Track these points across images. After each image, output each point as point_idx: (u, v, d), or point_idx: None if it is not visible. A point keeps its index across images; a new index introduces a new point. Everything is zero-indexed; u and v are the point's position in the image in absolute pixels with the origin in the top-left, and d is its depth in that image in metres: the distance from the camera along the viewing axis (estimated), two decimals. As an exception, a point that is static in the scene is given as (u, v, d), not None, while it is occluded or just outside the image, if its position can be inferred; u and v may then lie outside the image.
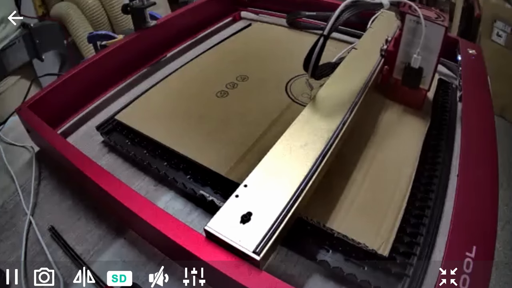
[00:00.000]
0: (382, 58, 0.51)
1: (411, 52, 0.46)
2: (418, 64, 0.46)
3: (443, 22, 0.44)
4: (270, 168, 0.34)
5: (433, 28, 0.44)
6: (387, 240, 0.34)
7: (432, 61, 0.46)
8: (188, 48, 0.73)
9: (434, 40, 0.45)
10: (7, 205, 0.44)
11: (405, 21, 0.45)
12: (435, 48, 0.45)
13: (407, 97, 0.51)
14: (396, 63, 0.49)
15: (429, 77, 0.47)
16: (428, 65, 0.46)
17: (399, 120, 0.50)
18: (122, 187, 0.35)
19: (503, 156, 0.79)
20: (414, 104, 0.51)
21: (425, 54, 0.45)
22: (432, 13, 0.46)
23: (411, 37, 0.46)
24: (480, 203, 0.35)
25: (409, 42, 0.46)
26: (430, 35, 0.44)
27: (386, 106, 0.52)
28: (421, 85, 0.48)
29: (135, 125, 0.50)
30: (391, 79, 0.51)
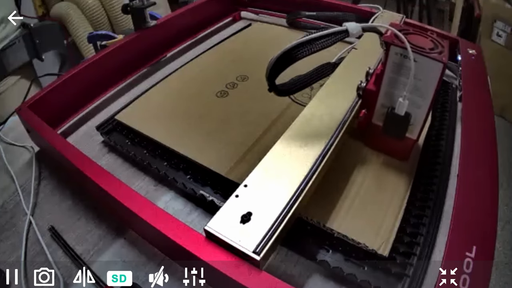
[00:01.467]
0: (359, 98, 0.41)
1: (396, 94, 0.36)
2: (405, 110, 0.36)
3: (441, 55, 0.33)
4: (270, 168, 0.34)
5: (427, 64, 0.33)
6: (387, 240, 0.34)
7: (423, 106, 0.36)
8: (188, 48, 0.73)
9: (428, 79, 0.34)
10: (7, 205, 0.44)
11: (389, 54, 0.35)
12: (428, 90, 0.35)
13: (389, 147, 0.41)
14: (377, 106, 0.39)
15: (418, 126, 0.37)
16: (417, 111, 0.36)
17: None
18: (122, 187, 0.35)
19: (503, 156, 0.79)
20: (398, 155, 0.42)
21: (414, 97, 0.36)
22: (427, 42, 0.35)
23: (396, 75, 0.36)
24: (480, 203, 0.35)
25: (393, 81, 0.36)
26: (422, 73, 0.34)
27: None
28: (407, 133, 0.38)
29: (135, 125, 0.50)
30: (370, 125, 0.41)
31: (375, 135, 0.41)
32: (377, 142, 0.42)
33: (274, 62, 0.34)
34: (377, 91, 0.38)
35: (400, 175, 0.41)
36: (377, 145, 0.43)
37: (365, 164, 0.43)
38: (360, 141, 0.45)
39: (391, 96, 0.37)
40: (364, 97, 0.40)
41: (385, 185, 0.40)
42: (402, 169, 0.42)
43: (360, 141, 0.45)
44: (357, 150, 0.44)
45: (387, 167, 0.42)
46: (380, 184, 0.40)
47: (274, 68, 0.35)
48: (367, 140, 0.44)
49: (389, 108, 0.38)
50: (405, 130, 0.38)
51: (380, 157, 0.43)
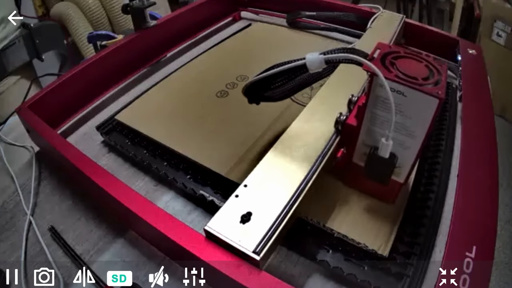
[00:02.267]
0: (338, 134, 0.36)
1: (380, 133, 0.31)
2: (389, 152, 0.30)
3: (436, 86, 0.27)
4: (270, 168, 0.34)
5: (419, 98, 0.27)
6: (387, 240, 0.34)
7: (413, 147, 0.30)
8: (188, 48, 0.73)
9: (419, 116, 0.28)
10: (7, 205, 0.44)
11: (372, 85, 0.29)
12: (420, 129, 0.29)
13: (372, 189, 0.36)
14: (358, 144, 0.34)
15: (406, 168, 0.32)
16: (406, 152, 0.30)
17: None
18: (122, 187, 0.35)
19: (503, 156, 0.79)
20: (383, 198, 0.37)
21: (402, 137, 0.30)
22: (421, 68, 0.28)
23: (380, 111, 0.29)
24: (480, 203, 0.35)
25: (377, 117, 0.30)
26: (412, 110, 0.28)
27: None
28: (393, 176, 0.33)
29: (135, 125, 0.50)
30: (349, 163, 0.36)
31: (355, 175, 0.36)
32: (359, 183, 0.37)
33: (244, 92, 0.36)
34: (358, 127, 0.32)
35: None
36: (359, 186, 0.38)
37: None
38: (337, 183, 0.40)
39: (374, 134, 0.31)
40: (344, 132, 0.35)
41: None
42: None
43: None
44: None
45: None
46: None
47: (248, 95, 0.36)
48: (346, 179, 0.38)
49: (371, 148, 0.32)
50: (389, 174, 0.32)
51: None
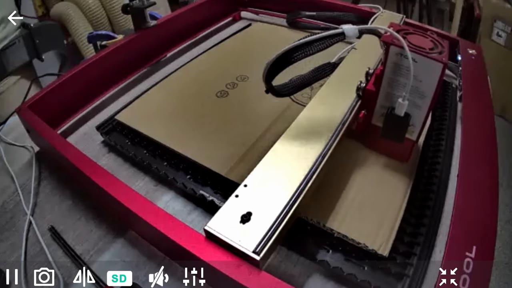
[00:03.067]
0: (359, 99, 0.40)
1: (396, 95, 0.36)
2: (404, 111, 0.36)
3: (441, 55, 0.33)
4: (270, 168, 0.34)
5: (427, 64, 0.33)
6: (387, 240, 0.34)
7: (423, 107, 0.35)
8: (188, 48, 0.73)
9: (428, 80, 0.34)
10: (7, 205, 0.44)
11: (389, 54, 0.35)
12: (429, 91, 0.34)
13: (389, 148, 0.41)
14: (376, 106, 0.39)
15: (418, 127, 0.37)
16: (418, 111, 0.36)
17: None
18: (122, 187, 0.35)
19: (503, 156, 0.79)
20: (398, 157, 0.42)
21: (414, 98, 0.35)
22: (427, 42, 0.35)
23: (395, 76, 0.35)
24: (480, 203, 0.35)
25: (393, 81, 0.36)
26: (422, 74, 0.34)
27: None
28: (407, 135, 0.38)
29: (135, 125, 0.50)
30: (369, 126, 0.41)
31: (374, 136, 0.41)
32: (377, 143, 0.42)
33: (271, 65, 0.34)
34: (377, 92, 0.38)
35: (400, 175, 0.41)
36: (377, 146, 0.43)
37: (365, 165, 0.43)
38: (360, 142, 0.45)
39: (391, 96, 0.37)
40: (364, 97, 0.40)
41: (385, 185, 0.40)
42: (402, 169, 0.42)
43: (359, 142, 0.45)
44: (356, 150, 0.44)
45: (387, 167, 0.42)
46: (380, 184, 0.40)
47: (270, 70, 0.35)
48: (366, 141, 0.44)
49: (388, 108, 0.37)
50: (404, 131, 0.37)
51: (380, 158, 0.43)
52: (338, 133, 0.39)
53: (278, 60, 0.34)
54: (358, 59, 0.51)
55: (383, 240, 0.34)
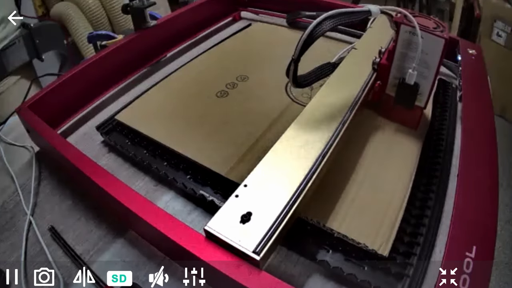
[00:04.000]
0: (374, 72, 0.47)
1: (406, 67, 0.42)
2: (414, 80, 0.42)
3: (442, 33, 0.39)
4: (270, 168, 0.34)
5: (431, 40, 0.39)
6: (387, 240, 0.34)
7: (429, 77, 0.42)
8: (188, 48, 0.73)
9: (432, 53, 0.40)
10: (7, 205, 0.44)
11: (400, 32, 0.41)
12: (433, 63, 0.41)
13: (401, 116, 0.47)
14: (389, 78, 0.45)
15: (425, 95, 0.43)
16: (425, 81, 0.42)
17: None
18: (122, 187, 0.35)
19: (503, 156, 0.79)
20: (409, 124, 0.47)
21: (421, 69, 0.41)
22: (430, 23, 0.41)
23: (405, 51, 0.42)
24: (480, 203, 0.35)
25: (403, 55, 0.42)
26: (427, 48, 0.40)
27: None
28: (416, 102, 0.44)
29: (135, 125, 0.50)
30: (383, 96, 0.47)
31: (388, 104, 0.47)
32: (390, 111, 0.48)
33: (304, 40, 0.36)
34: (390, 65, 0.44)
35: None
36: (390, 114, 0.48)
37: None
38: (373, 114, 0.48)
39: (402, 68, 0.43)
40: (379, 70, 0.46)
41: (385, 185, 0.40)
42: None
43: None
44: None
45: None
46: (380, 183, 0.40)
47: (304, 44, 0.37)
48: (381, 110, 0.49)
49: (400, 79, 0.43)
50: (414, 98, 0.44)
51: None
52: (338, 132, 0.39)
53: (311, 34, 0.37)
54: (358, 59, 0.51)
55: (383, 240, 0.34)
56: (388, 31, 0.55)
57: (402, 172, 0.41)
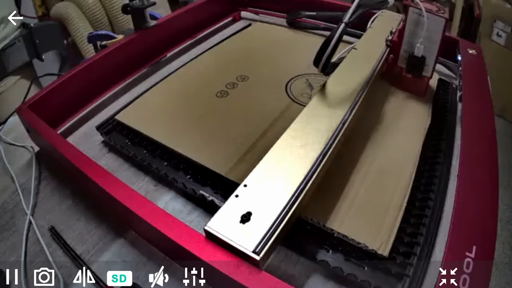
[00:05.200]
0: (388, 48, 0.54)
1: (414, 42, 0.49)
2: (421, 53, 0.49)
3: (443, 14, 0.47)
4: (270, 168, 0.34)
5: (434, 20, 0.47)
6: (387, 240, 0.34)
7: (433, 50, 0.49)
8: (188, 48, 0.73)
9: (435, 31, 0.47)
10: (7, 205, 0.44)
11: (408, 14, 0.49)
12: (436, 39, 0.48)
13: (410, 85, 0.54)
14: (401, 52, 0.52)
15: (431, 66, 0.51)
16: (430, 54, 0.49)
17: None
18: (122, 187, 0.35)
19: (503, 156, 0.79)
20: (417, 92, 0.54)
21: (427, 44, 0.48)
22: (433, 7, 0.49)
23: (414, 29, 0.49)
24: (480, 203, 0.35)
25: (412, 33, 0.50)
26: (431, 27, 0.47)
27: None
28: (423, 73, 0.51)
29: (135, 125, 0.50)
30: (395, 68, 0.54)
31: (399, 75, 0.54)
32: (401, 80, 0.55)
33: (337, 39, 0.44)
34: (400, 41, 0.52)
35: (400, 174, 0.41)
36: (401, 83, 0.55)
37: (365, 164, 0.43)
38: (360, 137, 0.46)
39: (411, 44, 0.50)
40: (391, 47, 0.53)
41: (385, 185, 0.40)
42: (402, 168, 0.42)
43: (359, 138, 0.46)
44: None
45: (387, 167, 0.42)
46: (380, 183, 0.40)
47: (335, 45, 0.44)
48: (393, 79, 0.56)
49: (410, 52, 0.51)
50: (422, 68, 0.51)
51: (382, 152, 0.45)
52: (338, 132, 0.39)
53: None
54: (358, 59, 0.51)
55: (383, 240, 0.34)
56: (388, 31, 0.55)
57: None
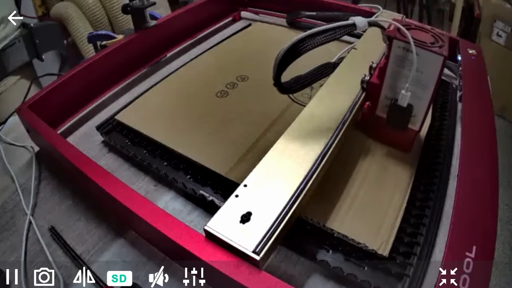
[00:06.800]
0: (363, 91, 0.42)
1: (399, 87, 0.38)
2: (407, 102, 0.38)
3: (441, 49, 0.35)
4: (270, 168, 0.34)
5: (428, 57, 0.35)
6: (387, 240, 0.34)
7: (425, 97, 0.37)
8: (188, 48, 0.73)
9: (429, 72, 0.36)
10: (7, 205, 0.44)
11: (392, 48, 0.36)
12: (430, 83, 0.36)
13: (392, 138, 0.43)
14: (380, 98, 0.41)
15: (420, 117, 0.39)
16: (419, 102, 0.38)
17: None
18: (122, 187, 0.35)
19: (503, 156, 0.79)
20: (401, 146, 0.43)
21: (416, 90, 0.37)
22: (428, 36, 0.36)
23: (398, 68, 0.37)
24: (480, 203, 0.35)
25: (396, 74, 0.38)
26: (423, 66, 0.35)
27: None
28: (410, 125, 0.40)
29: (135, 125, 0.50)
30: (373, 117, 0.43)
31: (378, 126, 0.43)
32: (381, 133, 0.44)
33: (282, 56, 0.35)
34: (381, 84, 0.40)
35: (400, 173, 0.41)
36: (381, 136, 0.44)
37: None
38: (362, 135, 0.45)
39: (394, 88, 0.39)
40: (368, 89, 0.42)
41: (385, 184, 0.40)
42: (403, 165, 0.42)
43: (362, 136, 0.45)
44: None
45: (388, 165, 0.42)
46: (381, 183, 0.40)
47: (281, 62, 0.35)
48: (370, 131, 0.45)
49: (392, 99, 0.39)
50: (407, 121, 0.39)
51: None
52: (338, 132, 0.39)
53: (289, 52, 0.35)
54: (358, 59, 0.51)
55: (383, 240, 0.34)
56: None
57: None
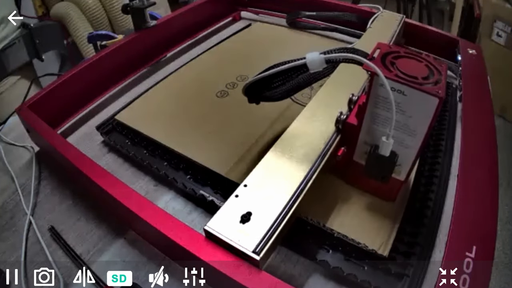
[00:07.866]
0: (338, 133, 0.36)
1: (381, 131, 0.31)
2: (389, 151, 0.30)
3: (436, 86, 0.27)
4: (270, 168, 0.34)
5: (419, 97, 0.27)
6: (387, 240, 0.34)
7: (413, 146, 0.30)
8: (188, 48, 0.73)
9: (420, 116, 0.28)
10: (7, 205, 0.44)
11: (373, 85, 0.29)
12: (420, 129, 0.29)
13: (373, 187, 0.36)
14: (358, 142, 0.34)
15: (407, 167, 0.32)
16: (406, 151, 0.30)
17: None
18: (122, 187, 0.35)
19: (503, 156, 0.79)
20: (383, 196, 0.37)
21: (402, 136, 0.30)
22: (420, 68, 0.28)
23: (381, 111, 0.30)
24: (480, 203, 0.35)
25: (377, 116, 0.30)
26: (413, 108, 0.28)
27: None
28: (394, 174, 0.32)
29: (135, 125, 0.50)
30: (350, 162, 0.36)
31: (356, 174, 0.36)
32: (360, 182, 0.37)
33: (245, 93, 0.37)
34: (359, 126, 0.32)
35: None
36: (359, 184, 0.38)
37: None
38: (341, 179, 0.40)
39: (375, 132, 0.31)
40: (345, 131, 0.35)
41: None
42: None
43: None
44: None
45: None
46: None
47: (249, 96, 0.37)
48: (347, 178, 0.39)
49: (372, 146, 0.31)
50: (390, 172, 0.32)
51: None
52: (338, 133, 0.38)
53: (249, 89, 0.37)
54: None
55: (383, 240, 0.34)
56: (390, 31, 0.55)
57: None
